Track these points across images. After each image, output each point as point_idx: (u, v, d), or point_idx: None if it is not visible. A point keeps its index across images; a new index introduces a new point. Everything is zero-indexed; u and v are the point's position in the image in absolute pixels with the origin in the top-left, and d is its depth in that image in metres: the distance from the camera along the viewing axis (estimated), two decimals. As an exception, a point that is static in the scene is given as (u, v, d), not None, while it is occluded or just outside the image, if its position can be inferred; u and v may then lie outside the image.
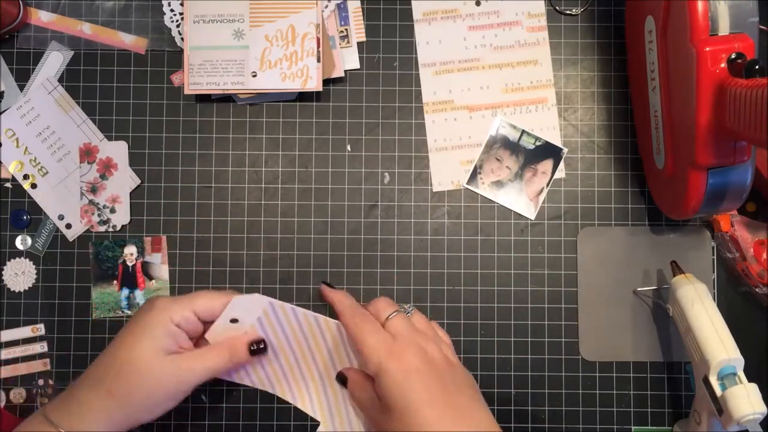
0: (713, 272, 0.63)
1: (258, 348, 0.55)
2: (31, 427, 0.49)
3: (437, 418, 0.46)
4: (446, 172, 0.63)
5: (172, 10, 0.62)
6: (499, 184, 0.63)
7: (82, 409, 0.49)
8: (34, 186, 0.62)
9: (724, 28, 0.49)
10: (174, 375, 0.50)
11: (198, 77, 0.60)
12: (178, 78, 0.63)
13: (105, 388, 0.49)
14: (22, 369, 0.62)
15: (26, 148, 0.62)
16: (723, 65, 0.48)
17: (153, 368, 0.50)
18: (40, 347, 0.62)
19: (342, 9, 0.63)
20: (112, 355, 0.51)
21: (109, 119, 0.63)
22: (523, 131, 0.63)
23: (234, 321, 0.55)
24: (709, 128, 0.49)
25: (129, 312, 0.62)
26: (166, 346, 0.51)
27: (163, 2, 0.63)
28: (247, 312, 0.55)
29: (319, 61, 0.60)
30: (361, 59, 0.63)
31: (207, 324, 0.55)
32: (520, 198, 0.63)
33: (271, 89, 0.61)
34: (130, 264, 0.62)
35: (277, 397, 0.61)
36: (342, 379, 0.57)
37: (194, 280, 0.62)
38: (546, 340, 0.62)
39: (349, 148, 0.63)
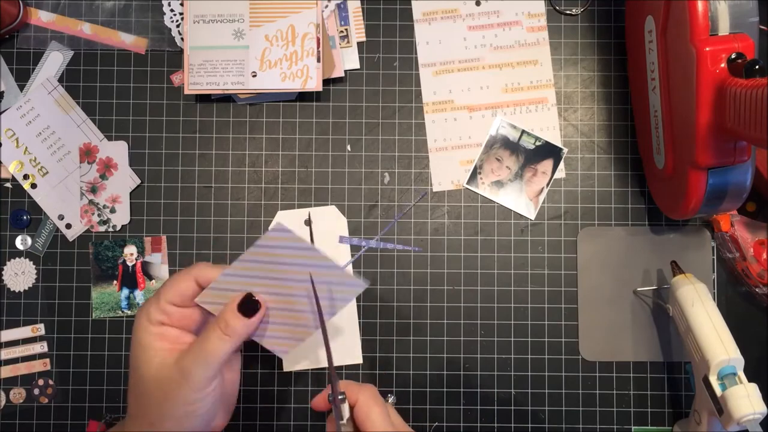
0: (713, 272, 0.63)
1: (248, 308, 0.46)
2: None
3: None
4: (446, 172, 0.63)
5: (172, 10, 0.62)
6: (499, 184, 0.63)
7: None
8: (34, 186, 0.62)
9: (724, 28, 0.49)
10: (173, 379, 0.44)
11: (198, 77, 0.60)
12: (178, 78, 0.63)
13: (131, 414, 0.46)
14: (22, 369, 0.62)
15: (26, 148, 0.62)
16: (723, 65, 0.48)
17: (152, 380, 0.45)
18: (40, 347, 0.62)
19: (342, 9, 0.63)
20: (129, 382, 0.47)
21: (109, 119, 0.63)
22: (523, 131, 0.63)
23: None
24: (709, 128, 0.49)
25: (129, 312, 0.62)
26: (160, 349, 0.45)
27: (163, 2, 0.63)
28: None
29: (319, 61, 0.60)
30: (361, 59, 0.63)
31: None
32: (520, 198, 0.63)
33: (271, 89, 0.61)
34: (130, 264, 0.62)
35: (277, 397, 0.61)
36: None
37: (194, 280, 0.62)
38: (546, 340, 0.62)
39: (349, 148, 0.63)
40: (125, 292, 0.62)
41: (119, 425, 0.50)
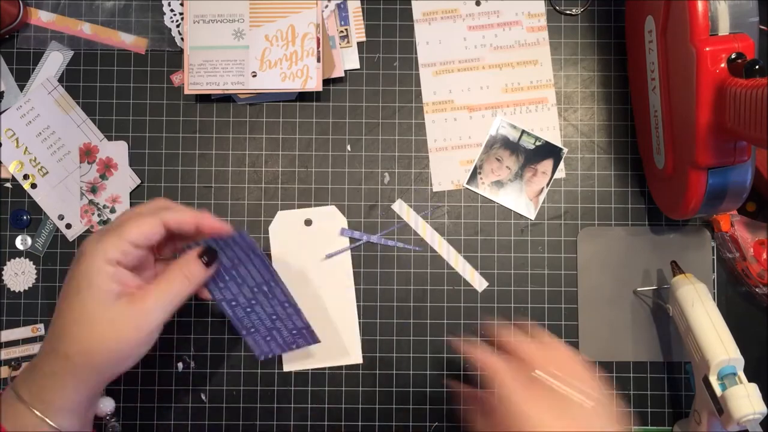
0: (713, 272, 0.63)
1: (210, 258, 0.50)
2: (4, 407, 0.45)
3: None
4: (446, 172, 0.63)
5: (172, 10, 0.62)
6: (499, 184, 0.63)
7: (47, 380, 0.45)
8: (34, 186, 0.62)
9: (724, 28, 0.49)
10: (128, 321, 0.45)
11: (198, 77, 0.60)
12: (178, 78, 0.63)
13: (62, 352, 0.45)
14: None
15: (26, 148, 0.62)
16: (723, 65, 0.48)
17: (103, 320, 0.45)
18: (40, 347, 0.62)
19: (342, 9, 0.63)
20: (60, 316, 0.47)
21: (109, 119, 0.63)
22: (523, 131, 0.63)
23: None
24: (709, 128, 0.49)
25: (129, 312, 0.62)
26: (110, 292, 0.46)
27: (163, 2, 0.63)
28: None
29: (319, 61, 0.60)
30: (361, 59, 0.63)
31: (160, 248, 0.51)
32: (520, 198, 0.63)
33: (271, 89, 0.61)
34: (130, 264, 0.62)
35: (277, 397, 0.61)
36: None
37: (194, 280, 0.62)
38: (546, 340, 0.62)
39: (349, 148, 0.63)
40: (125, 292, 0.62)
41: (31, 363, 0.48)
